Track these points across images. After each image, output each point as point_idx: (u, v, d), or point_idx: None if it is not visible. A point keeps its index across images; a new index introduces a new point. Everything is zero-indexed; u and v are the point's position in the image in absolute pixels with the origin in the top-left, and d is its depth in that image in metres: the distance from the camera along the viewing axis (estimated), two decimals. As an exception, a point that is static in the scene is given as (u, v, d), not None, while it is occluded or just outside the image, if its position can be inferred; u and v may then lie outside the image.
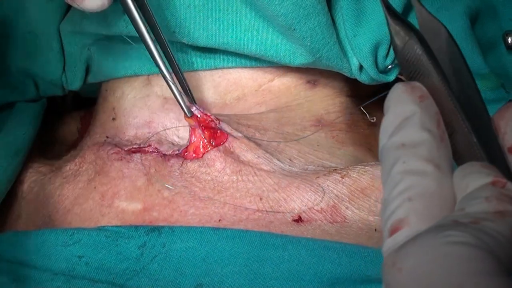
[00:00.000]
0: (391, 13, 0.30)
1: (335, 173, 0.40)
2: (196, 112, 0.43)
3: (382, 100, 0.28)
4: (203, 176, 0.42)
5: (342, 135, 0.46)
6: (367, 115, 0.44)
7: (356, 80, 0.45)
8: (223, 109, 0.46)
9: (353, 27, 0.42)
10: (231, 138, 0.42)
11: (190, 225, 0.40)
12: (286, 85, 0.47)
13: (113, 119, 0.48)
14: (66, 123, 0.57)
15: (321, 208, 0.39)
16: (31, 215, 0.44)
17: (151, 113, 0.46)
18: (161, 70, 0.41)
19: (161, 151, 0.44)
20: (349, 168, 0.41)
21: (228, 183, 0.41)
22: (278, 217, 0.39)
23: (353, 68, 0.44)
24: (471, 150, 0.27)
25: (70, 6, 0.43)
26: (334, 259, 0.34)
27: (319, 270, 0.34)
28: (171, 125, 0.46)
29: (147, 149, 0.44)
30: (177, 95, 0.41)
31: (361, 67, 0.44)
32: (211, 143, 0.42)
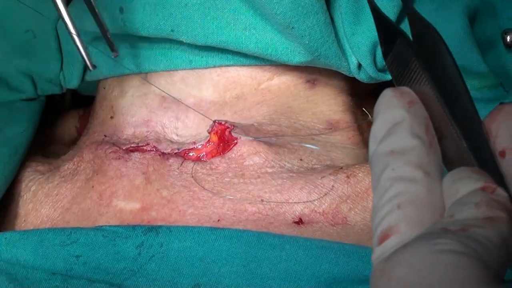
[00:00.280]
0: (379, 17, 0.29)
1: (342, 172, 0.40)
2: (216, 126, 0.43)
3: None
4: (204, 177, 0.42)
5: (357, 136, 0.46)
6: (369, 116, 0.44)
7: (355, 78, 0.45)
8: (223, 107, 0.46)
9: (352, 25, 0.42)
10: (240, 142, 0.42)
11: (189, 225, 0.39)
12: (285, 84, 0.46)
13: (111, 117, 0.48)
14: (65, 122, 0.57)
15: (323, 210, 0.39)
16: (29, 214, 0.44)
17: (149, 111, 0.46)
18: (63, 18, 0.39)
19: (160, 149, 0.44)
20: (355, 166, 0.41)
21: (229, 184, 0.41)
22: (278, 218, 0.39)
23: (351, 66, 0.44)
24: (461, 155, 0.26)
25: (67, 4, 0.42)
26: (331, 259, 0.34)
27: (316, 270, 0.34)
28: (169, 123, 0.46)
29: (145, 147, 0.44)
30: (80, 46, 0.40)
31: (359, 65, 0.44)
32: (222, 148, 0.42)
